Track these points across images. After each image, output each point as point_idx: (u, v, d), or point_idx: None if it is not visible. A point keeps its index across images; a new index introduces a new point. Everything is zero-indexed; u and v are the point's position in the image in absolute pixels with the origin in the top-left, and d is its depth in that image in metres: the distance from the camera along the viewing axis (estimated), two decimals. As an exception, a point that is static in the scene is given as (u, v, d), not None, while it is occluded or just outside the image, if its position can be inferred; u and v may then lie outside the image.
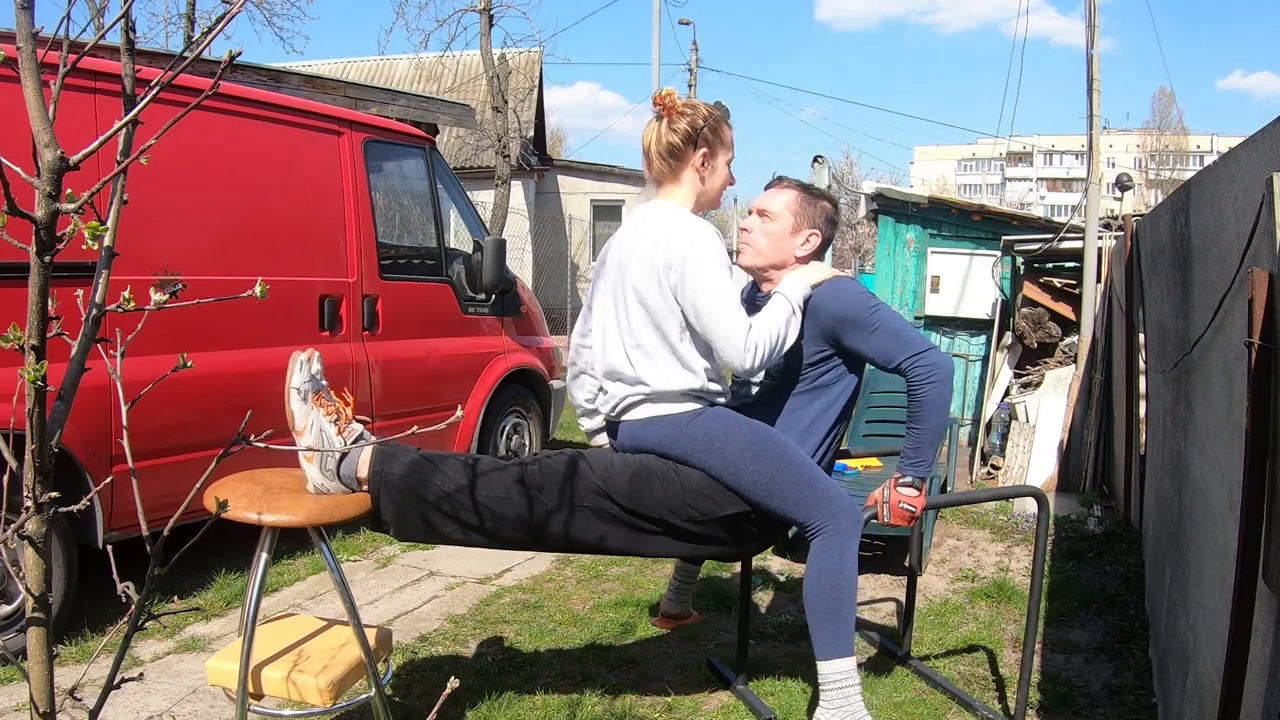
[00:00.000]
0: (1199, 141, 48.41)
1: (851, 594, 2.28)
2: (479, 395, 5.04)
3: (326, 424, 2.14)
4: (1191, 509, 2.47)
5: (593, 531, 2.33)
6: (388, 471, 2.19)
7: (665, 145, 2.33)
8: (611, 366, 2.40)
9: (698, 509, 2.31)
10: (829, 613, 2.26)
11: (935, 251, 8.11)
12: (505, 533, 2.31)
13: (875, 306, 2.37)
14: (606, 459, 2.36)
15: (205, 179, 3.74)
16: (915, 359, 2.29)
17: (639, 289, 2.28)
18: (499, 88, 12.14)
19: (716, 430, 2.28)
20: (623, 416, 2.40)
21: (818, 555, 2.28)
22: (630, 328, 2.32)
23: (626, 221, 2.47)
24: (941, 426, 2.34)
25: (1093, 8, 6.39)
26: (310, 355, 2.17)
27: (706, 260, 2.21)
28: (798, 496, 2.26)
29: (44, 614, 0.97)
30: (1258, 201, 1.63)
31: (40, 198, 0.87)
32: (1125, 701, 2.92)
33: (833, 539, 2.27)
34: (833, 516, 2.27)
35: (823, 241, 2.51)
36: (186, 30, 14.09)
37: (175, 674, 2.99)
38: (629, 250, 2.34)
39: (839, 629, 2.26)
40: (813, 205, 2.48)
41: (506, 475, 2.27)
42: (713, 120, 2.35)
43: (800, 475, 2.27)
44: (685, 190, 2.38)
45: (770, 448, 2.28)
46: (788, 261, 2.49)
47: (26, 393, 0.90)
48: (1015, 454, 6.23)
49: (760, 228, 2.49)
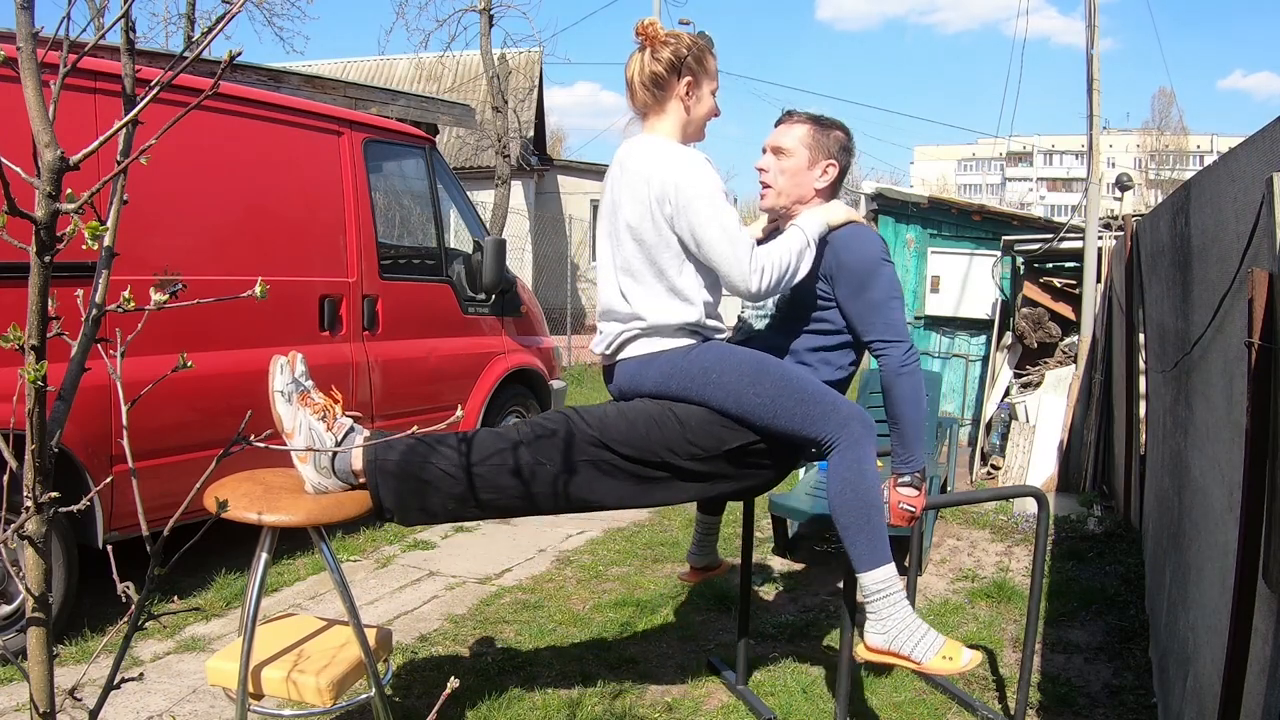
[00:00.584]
0: (1199, 141, 48.41)
1: (878, 500, 2.23)
2: (479, 395, 5.04)
3: (315, 422, 2.13)
4: (1191, 509, 2.47)
5: (595, 487, 2.28)
6: (383, 458, 2.17)
7: (649, 75, 2.29)
8: (608, 305, 2.36)
9: (700, 445, 2.26)
10: (859, 524, 2.22)
11: (935, 251, 8.11)
12: (506, 501, 2.27)
13: (881, 272, 2.33)
14: (600, 410, 2.32)
15: (205, 179, 3.74)
16: (890, 345, 2.28)
17: (632, 225, 2.25)
18: (499, 88, 12.14)
19: (711, 361, 2.24)
20: (619, 355, 2.35)
21: (837, 468, 2.24)
22: (627, 264, 2.29)
23: (616, 157, 2.41)
24: (921, 419, 2.31)
25: (1093, 8, 6.39)
26: (292, 357, 2.16)
27: (700, 188, 2.17)
28: (803, 412, 2.22)
29: (44, 614, 0.97)
30: (1258, 201, 1.63)
31: (40, 198, 0.87)
32: (1125, 701, 2.92)
33: (848, 449, 2.22)
34: (843, 426, 2.22)
35: (840, 171, 2.47)
36: (186, 30, 14.09)
37: (175, 674, 2.99)
38: (620, 188, 2.31)
39: (873, 537, 2.22)
40: (826, 135, 2.44)
41: (502, 442, 2.24)
42: (696, 49, 2.31)
43: (803, 391, 2.23)
44: (670, 120, 2.33)
45: (767, 368, 2.24)
46: (808, 196, 2.45)
47: (26, 393, 0.90)
48: (1015, 454, 6.23)
49: (776, 165, 2.45)
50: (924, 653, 2.19)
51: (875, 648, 2.24)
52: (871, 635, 2.24)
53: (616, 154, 2.41)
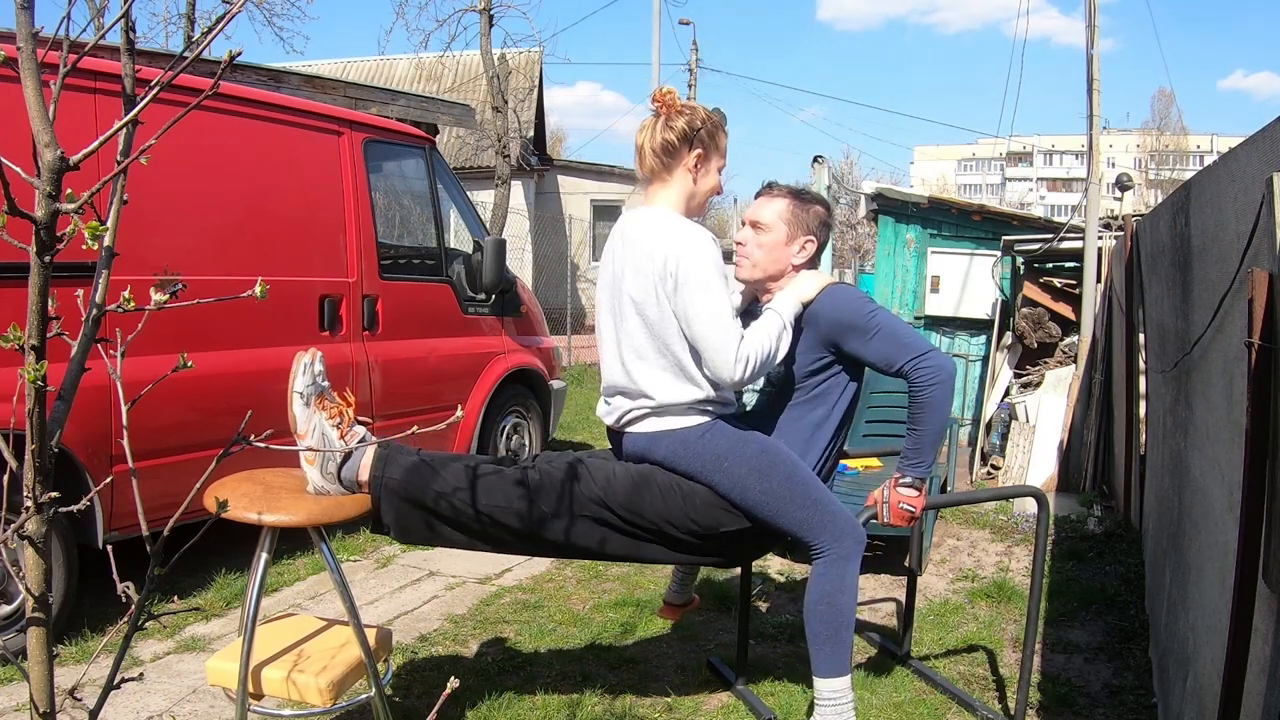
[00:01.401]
0: (1199, 141, 48.41)
1: (851, 616, 2.30)
2: (479, 395, 5.04)
3: (328, 427, 2.14)
4: (1191, 509, 2.47)
5: (592, 538, 2.33)
6: (389, 476, 2.19)
7: (661, 142, 2.29)
8: (614, 381, 2.37)
9: (698, 523, 2.31)
10: (828, 635, 2.29)
11: (935, 251, 8.11)
12: (505, 537, 2.32)
13: (874, 311, 2.37)
14: (608, 468, 2.34)
15: (205, 179, 3.74)
16: (917, 361, 2.29)
17: (636, 300, 2.26)
18: (499, 88, 12.14)
19: (724, 448, 2.27)
20: (628, 429, 2.38)
21: (819, 578, 2.30)
22: (631, 341, 2.29)
23: (618, 228, 2.42)
24: (942, 427, 2.34)
25: (1093, 8, 6.39)
26: (314, 356, 2.16)
27: (700, 267, 2.18)
28: (803, 517, 2.27)
29: (44, 614, 0.97)
30: (1258, 201, 1.63)
31: (40, 198, 0.87)
32: (1125, 701, 2.92)
33: (834, 562, 2.28)
34: (836, 539, 2.28)
35: (818, 247, 2.50)
36: (186, 30, 14.09)
37: (175, 674, 2.99)
38: (623, 261, 2.31)
39: (837, 650, 2.29)
40: (805, 211, 2.46)
41: (506, 481, 2.26)
42: (710, 124, 2.32)
43: (806, 495, 2.27)
44: (675, 192, 2.34)
45: (777, 466, 2.27)
46: (785, 271, 2.47)
47: (26, 393, 0.90)
48: (1015, 454, 6.23)
49: (754, 239, 2.47)
50: None
51: None
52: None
53: (618, 225, 2.42)
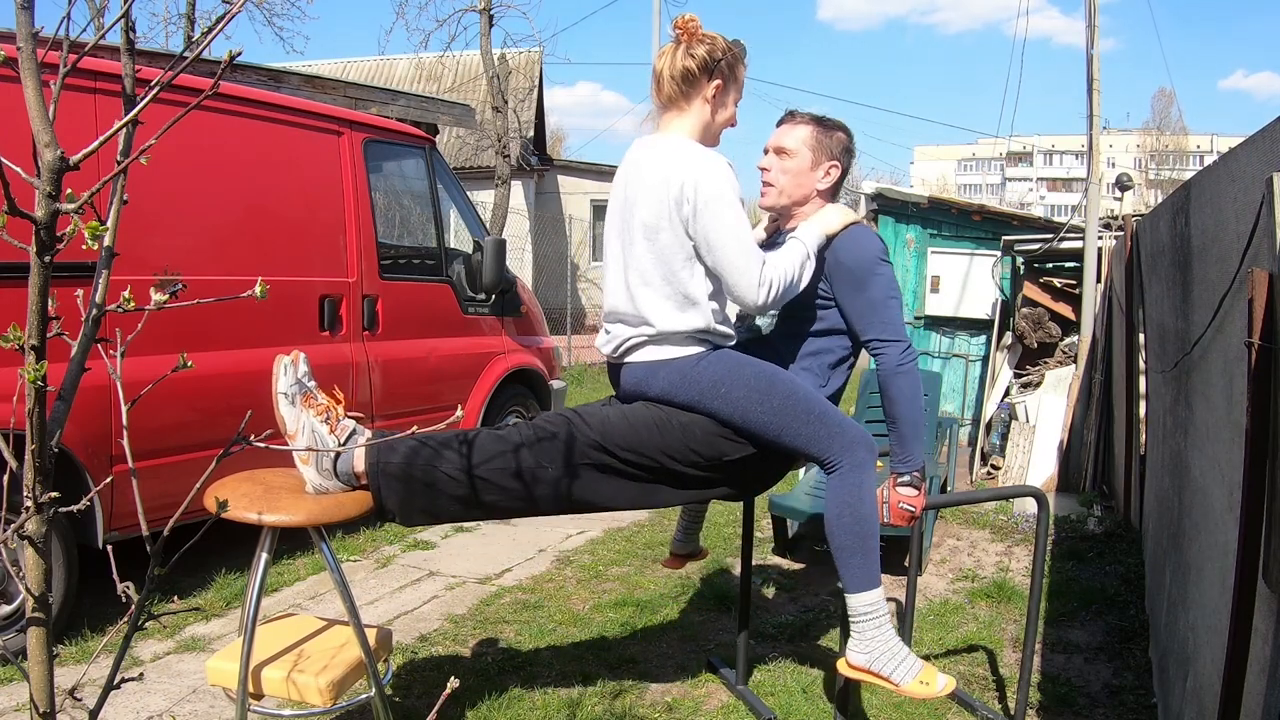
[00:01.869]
0: (1199, 141, 48.41)
1: (874, 525, 2.25)
2: (479, 395, 5.04)
3: (318, 424, 2.13)
4: (1191, 509, 2.47)
5: (596, 489, 2.29)
6: (385, 460, 2.17)
7: (681, 69, 2.25)
8: (615, 307, 2.33)
9: (701, 454, 2.27)
10: (854, 546, 2.24)
11: (935, 251, 8.11)
12: (509, 503, 2.28)
13: (878, 272, 2.33)
14: (602, 413, 2.31)
15: (205, 179, 3.74)
16: (888, 344, 2.28)
17: (648, 224, 2.22)
18: (499, 88, 12.13)
19: (721, 374, 2.23)
20: (626, 358, 2.34)
21: (836, 490, 2.25)
22: (637, 265, 2.26)
23: (628, 156, 2.37)
24: (919, 418, 2.31)
25: (1093, 8, 6.39)
26: (295, 357, 2.15)
27: (721, 193, 2.15)
28: (810, 433, 2.22)
29: (44, 614, 0.97)
30: (1258, 201, 1.63)
31: (40, 198, 0.87)
32: (1125, 701, 2.92)
33: (850, 472, 2.23)
34: (847, 449, 2.23)
35: (842, 172, 2.47)
36: (186, 30, 14.09)
37: (175, 674, 2.99)
38: (635, 186, 2.27)
39: (866, 560, 2.24)
40: (829, 136, 2.44)
41: (503, 443, 2.23)
42: (731, 55, 2.28)
43: (810, 410, 2.23)
44: (691, 120, 2.30)
45: (777, 385, 2.23)
46: (810, 196, 2.45)
47: (26, 393, 0.90)
48: (1015, 454, 6.23)
49: (779, 165, 2.44)
50: (903, 675, 2.22)
51: (856, 665, 2.27)
52: (854, 654, 2.27)
53: (630, 151, 2.37)
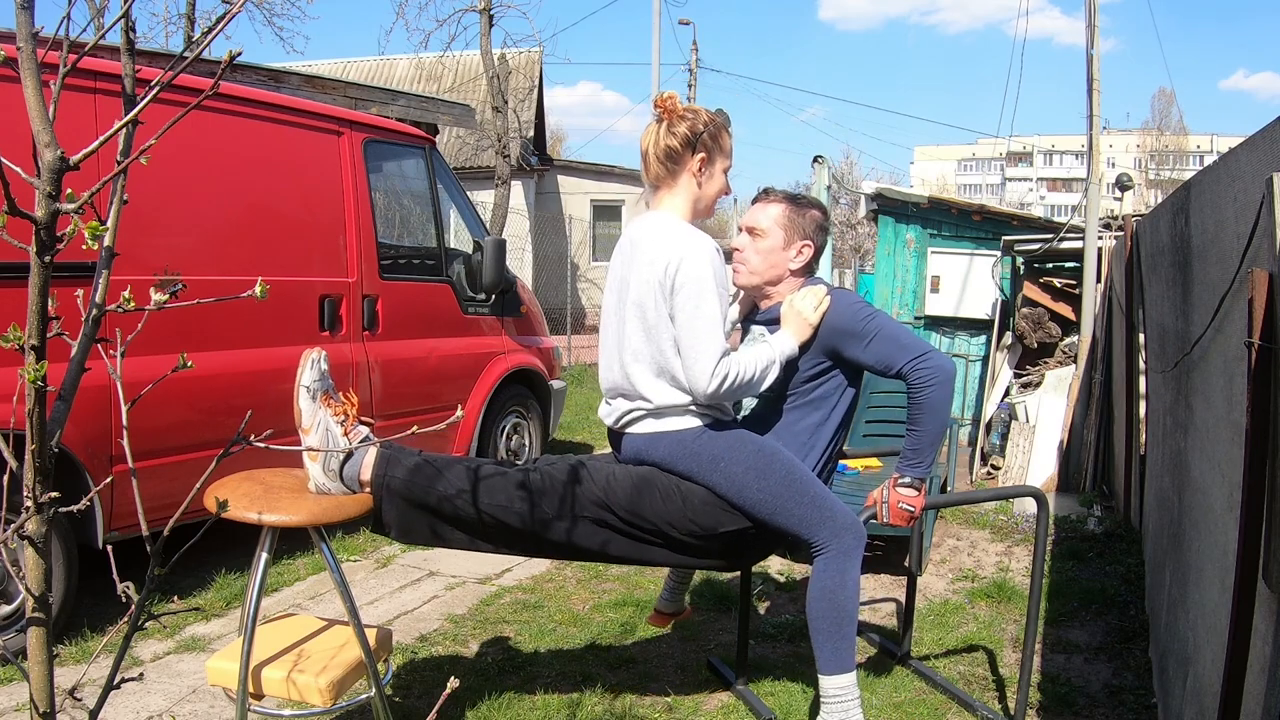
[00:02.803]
0: (1199, 141, 48.41)
1: (853, 611, 2.30)
2: (479, 395, 5.04)
3: (333, 424, 2.15)
4: (1191, 509, 2.47)
5: (593, 539, 2.34)
6: (391, 476, 2.20)
7: (663, 149, 2.32)
8: (614, 383, 2.40)
9: (698, 524, 2.32)
10: (831, 631, 2.29)
11: (935, 251, 8.11)
12: (507, 539, 2.33)
13: (871, 315, 2.38)
14: (609, 470, 2.35)
15: (205, 179, 3.74)
16: (916, 362, 2.30)
17: (638, 303, 2.28)
18: (499, 88, 12.14)
19: (721, 449, 2.28)
20: (626, 429, 2.40)
21: (821, 574, 2.31)
22: (630, 343, 2.32)
23: (625, 234, 2.46)
24: (942, 428, 2.34)
25: (1093, 8, 6.39)
26: (320, 354, 2.19)
27: (700, 277, 2.19)
28: (802, 515, 2.28)
29: (44, 614, 0.97)
30: (1258, 201, 1.63)
31: (40, 198, 0.87)
32: (1125, 701, 2.92)
33: (835, 558, 2.29)
34: (836, 535, 2.29)
35: (815, 251, 2.51)
36: (186, 30, 14.10)
37: (175, 674, 2.99)
38: (629, 266, 2.34)
39: (840, 645, 2.29)
40: (802, 216, 2.47)
41: (509, 482, 2.27)
42: (713, 127, 2.33)
43: (804, 493, 2.28)
44: (680, 197, 2.36)
45: (775, 466, 2.28)
46: (783, 276, 2.49)
47: (26, 393, 0.90)
48: (1015, 454, 6.22)
49: (752, 245, 2.49)
50: None
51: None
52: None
53: (627, 230, 2.45)
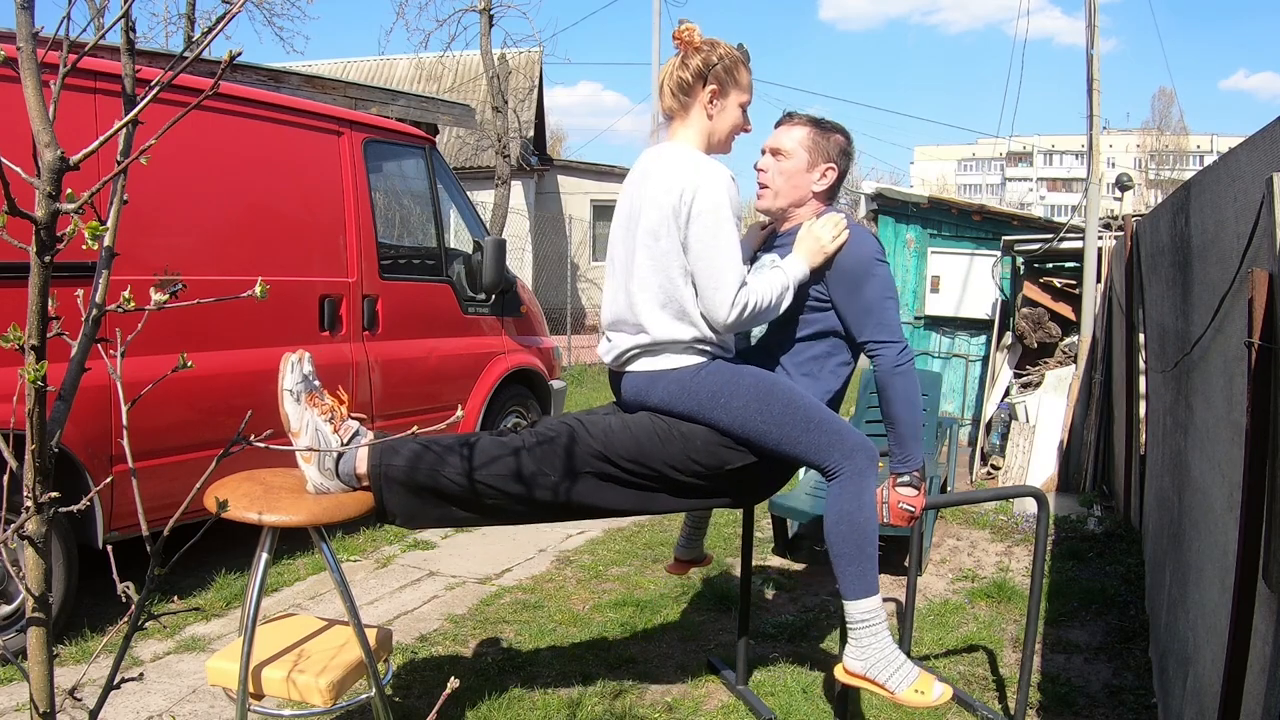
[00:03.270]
0: (1199, 141, 48.41)
1: (874, 532, 2.25)
2: (479, 395, 5.04)
3: (321, 423, 2.13)
4: (1191, 509, 2.47)
5: (598, 496, 2.30)
6: (387, 463, 2.18)
7: (676, 80, 2.28)
8: (617, 315, 2.35)
9: (702, 464, 2.28)
10: (852, 554, 2.24)
11: (935, 251, 8.11)
12: (511, 507, 2.29)
13: (875, 272, 2.33)
14: (605, 422, 2.32)
15: (205, 179, 3.74)
16: (884, 346, 2.28)
17: (649, 231, 2.23)
18: (499, 88, 12.14)
19: (720, 384, 2.24)
20: (626, 367, 2.35)
21: (836, 497, 2.25)
22: (638, 272, 2.27)
23: (636, 165, 2.40)
24: (917, 418, 2.31)
25: (1093, 8, 6.39)
26: (300, 356, 2.16)
27: (716, 206, 2.16)
28: (809, 440, 2.23)
29: (44, 614, 0.97)
30: (1258, 201, 1.63)
31: (40, 198, 0.87)
32: (1125, 701, 2.92)
33: (850, 479, 2.24)
34: (848, 456, 2.24)
35: (839, 175, 2.47)
36: (186, 30, 14.10)
37: (175, 674, 2.99)
38: (641, 195, 2.29)
39: (864, 568, 2.24)
40: (826, 139, 2.44)
41: (506, 449, 2.24)
42: (728, 59, 2.29)
43: (810, 419, 2.23)
44: (693, 129, 2.32)
45: (776, 394, 2.24)
46: (806, 198, 2.45)
47: (26, 393, 0.90)
48: (1015, 454, 6.22)
49: (775, 166, 2.44)
50: (899, 683, 2.22)
51: (853, 671, 2.27)
52: (850, 660, 2.27)
53: (639, 159, 2.40)
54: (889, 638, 2.26)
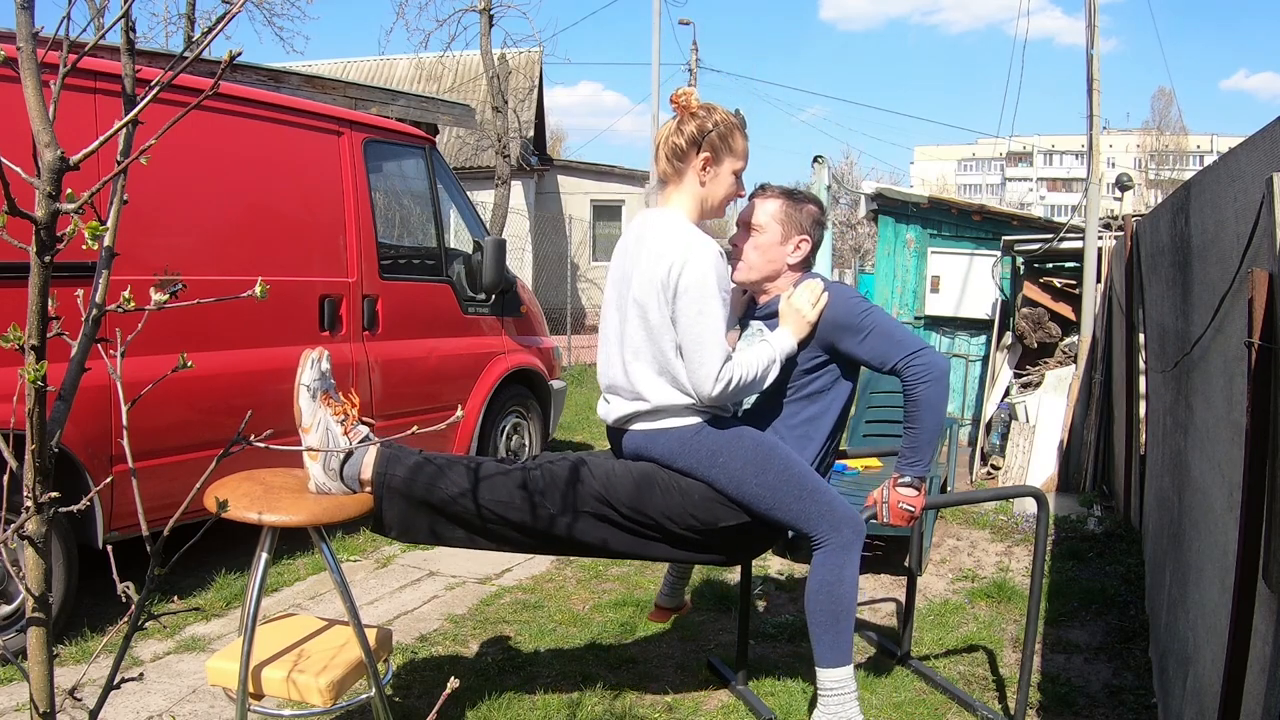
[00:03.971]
0: (1199, 141, 48.42)
1: (851, 605, 2.31)
2: (479, 395, 5.04)
3: (333, 423, 2.15)
4: (1191, 509, 2.47)
5: (594, 535, 2.34)
6: (391, 475, 2.20)
7: (670, 146, 2.31)
8: (613, 381, 2.40)
9: (698, 519, 2.32)
10: (828, 623, 2.30)
11: (935, 251, 8.11)
12: (508, 535, 2.33)
13: (867, 310, 2.38)
14: (608, 465, 2.36)
15: (205, 179, 3.74)
16: (910, 359, 2.30)
17: (639, 301, 2.27)
18: (499, 88, 12.14)
19: (720, 444, 2.29)
20: (626, 426, 2.40)
21: (819, 568, 2.31)
22: (631, 341, 2.31)
23: (630, 229, 2.45)
24: (939, 426, 2.35)
25: (1093, 8, 6.39)
26: (321, 353, 2.19)
27: (702, 281, 2.19)
28: (800, 509, 2.29)
29: (44, 614, 0.97)
30: (1258, 201, 1.63)
31: (40, 198, 0.87)
32: (1125, 701, 2.92)
33: (834, 552, 2.30)
34: (835, 529, 2.29)
35: (812, 246, 2.51)
36: (186, 30, 14.10)
37: (175, 674, 2.99)
38: (633, 262, 2.33)
39: (838, 639, 2.30)
40: (799, 210, 2.47)
41: (509, 480, 2.27)
42: (724, 126, 2.30)
43: (803, 487, 2.29)
44: (686, 195, 2.35)
45: (773, 460, 2.29)
46: (780, 271, 2.49)
47: (26, 393, 0.90)
48: (1015, 454, 6.22)
49: (750, 241, 2.48)
50: None
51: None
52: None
53: (633, 224, 2.44)
54: (857, 708, 2.31)
